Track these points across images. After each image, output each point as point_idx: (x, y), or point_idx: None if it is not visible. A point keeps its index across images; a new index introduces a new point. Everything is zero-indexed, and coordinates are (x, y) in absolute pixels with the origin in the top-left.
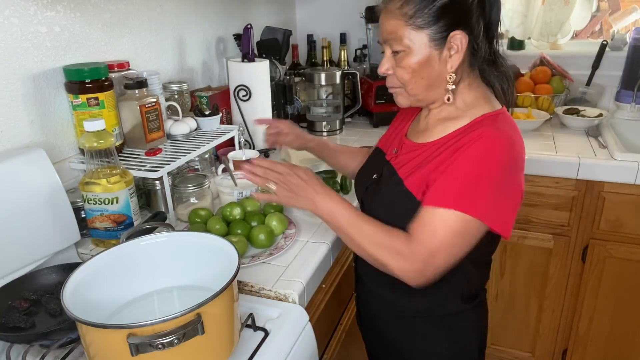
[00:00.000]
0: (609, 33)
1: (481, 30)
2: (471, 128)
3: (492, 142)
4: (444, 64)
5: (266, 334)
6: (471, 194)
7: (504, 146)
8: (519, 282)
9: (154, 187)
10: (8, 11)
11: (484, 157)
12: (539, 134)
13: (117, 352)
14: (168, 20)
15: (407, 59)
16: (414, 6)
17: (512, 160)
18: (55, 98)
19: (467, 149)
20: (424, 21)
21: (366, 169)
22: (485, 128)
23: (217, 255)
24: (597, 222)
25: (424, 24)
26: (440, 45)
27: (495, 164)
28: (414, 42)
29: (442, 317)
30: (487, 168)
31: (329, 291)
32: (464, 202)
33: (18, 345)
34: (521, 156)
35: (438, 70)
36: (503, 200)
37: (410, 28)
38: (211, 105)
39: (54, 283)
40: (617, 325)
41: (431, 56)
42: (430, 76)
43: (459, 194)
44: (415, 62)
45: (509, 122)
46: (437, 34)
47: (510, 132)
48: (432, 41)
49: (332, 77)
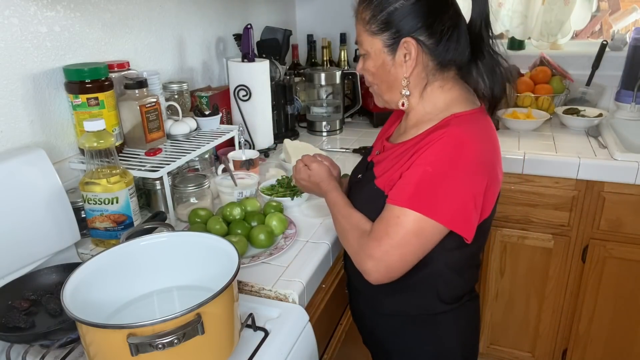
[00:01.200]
0: (609, 33)
1: (449, 32)
2: (437, 128)
3: (452, 143)
4: (401, 68)
5: (266, 334)
6: (427, 193)
7: (464, 147)
8: (519, 282)
9: (154, 187)
10: (8, 11)
11: (442, 156)
12: (539, 134)
13: (117, 352)
14: (168, 20)
15: (368, 62)
16: (369, 12)
17: (474, 162)
18: (55, 98)
19: (427, 148)
20: (377, 27)
21: (356, 169)
22: (449, 128)
23: (217, 255)
24: (597, 222)
25: (377, 30)
26: (393, 51)
27: (454, 164)
28: (371, 47)
29: (425, 317)
30: (445, 168)
31: (329, 291)
32: (417, 201)
33: (18, 345)
34: (485, 158)
35: (395, 75)
36: (463, 202)
37: (367, 34)
38: (211, 105)
39: (54, 283)
40: (617, 325)
41: (385, 61)
42: (389, 80)
43: (414, 193)
44: (373, 66)
45: (479, 124)
46: (390, 39)
47: (475, 134)
48: (386, 47)
49: (332, 77)
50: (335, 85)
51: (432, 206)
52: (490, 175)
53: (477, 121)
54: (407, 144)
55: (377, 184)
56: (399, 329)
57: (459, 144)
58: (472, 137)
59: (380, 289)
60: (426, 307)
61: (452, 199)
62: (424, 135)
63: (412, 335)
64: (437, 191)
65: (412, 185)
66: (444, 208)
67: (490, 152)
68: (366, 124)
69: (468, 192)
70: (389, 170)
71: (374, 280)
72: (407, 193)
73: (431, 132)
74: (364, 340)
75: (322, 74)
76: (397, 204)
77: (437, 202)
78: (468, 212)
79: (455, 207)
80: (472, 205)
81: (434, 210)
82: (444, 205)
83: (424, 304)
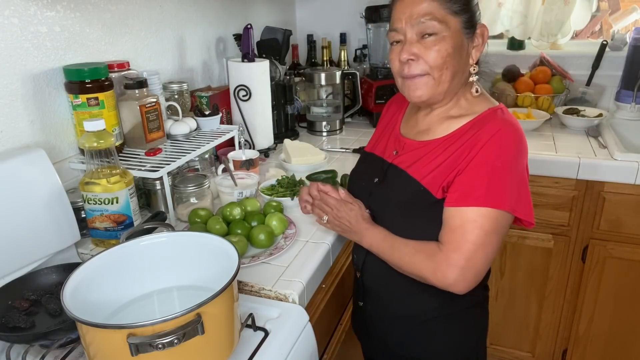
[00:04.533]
0: (609, 33)
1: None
2: (479, 122)
3: (507, 134)
4: (469, 55)
5: (266, 334)
6: (499, 188)
7: (515, 136)
8: (519, 282)
9: (154, 187)
10: (8, 11)
11: (502, 149)
12: (539, 134)
13: (117, 352)
14: (168, 20)
15: (442, 43)
16: None
17: (523, 149)
18: (55, 98)
19: (484, 144)
20: (460, 7)
21: (362, 173)
22: (495, 122)
23: (217, 255)
24: (597, 222)
25: (459, 10)
26: (471, 34)
27: (512, 154)
28: (451, 26)
29: (446, 317)
30: (507, 160)
31: (329, 291)
32: (492, 197)
33: (18, 345)
34: (526, 143)
35: (465, 60)
36: (523, 188)
37: (447, 11)
38: (211, 105)
39: (54, 283)
40: (617, 325)
41: (463, 44)
42: (459, 64)
43: (487, 190)
44: (450, 47)
45: (510, 114)
46: (469, 22)
47: (516, 122)
48: (465, 29)
49: (332, 77)
50: (335, 85)
51: (505, 199)
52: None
53: (510, 113)
54: (447, 140)
55: (425, 185)
56: (430, 331)
57: (514, 135)
58: (518, 127)
59: (402, 290)
60: (444, 307)
61: (518, 188)
62: (466, 130)
63: (443, 334)
64: (507, 183)
65: (484, 184)
66: (513, 198)
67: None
68: (366, 124)
69: (526, 179)
70: (436, 170)
71: (463, 290)
72: (480, 193)
73: (474, 126)
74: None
75: (322, 74)
76: (471, 205)
77: (508, 193)
78: (529, 197)
79: (520, 194)
80: (529, 190)
81: (506, 202)
82: (513, 195)
83: (442, 303)
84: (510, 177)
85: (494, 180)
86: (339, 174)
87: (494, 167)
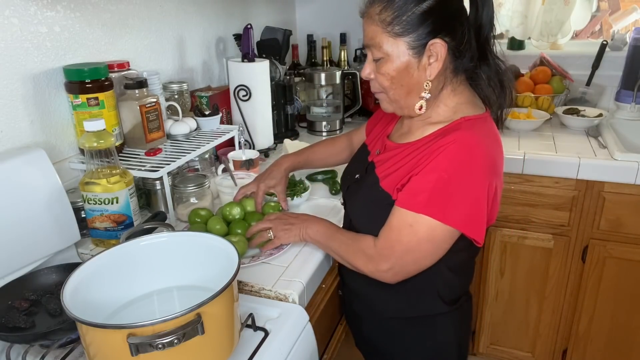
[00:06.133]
0: (609, 33)
1: (466, 35)
2: (448, 131)
3: (466, 147)
4: (424, 72)
5: (266, 334)
6: (442, 199)
7: (477, 151)
8: (519, 282)
9: (154, 187)
10: (8, 11)
11: (456, 161)
12: (539, 134)
13: (117, 352)
14: (168, 20)
15: (386, 66)
16: (392, 13)
17: (485, 165)
18: (55, 98)
19: (441, 152)
20: (402, 29)
21: (351, 168)
22: (460, 132)
23: (217, 255)
24: (597, 222)
25: (401, 32)
26: (419, 53)
27: (464, 170)
28: (393, 49)
29: (421, 318)
30: (456, 174)
31: (329, 291)
32: (432, 207)
33: (18, 345)
34: (495, 161)
35: (417, 78)
36: (475, 206)
37: (388, 35)
38: (211, 105)
39: (54, 283)
40: (617, 325)
41: (410, 64)
42: (410, 83)
43: (429, 199)
44: (393, 70)
45: (486, 128)
46: (416, 41)
47: (485, 137)
48: (411, 49)
49: (332, 77)
50: (335, 85)
51: (446, 212)
52: (499, 179)
53: (485, 125)
54: (415, 144)
55: (383, 186)
56: (397, 331)
57: (472, 148)
58: (484, 141)
59: (381, 291)
60: (426, 308)
61: (466, 204)
62: (433, 137)
63: (411, 337)
64: (452, 196)
65: (427, 191)
66: (458, 213)
67: (499, 155)
68: None
69: (480, 196)
70: (396, 172)
71: (390, 281)
72: (421, 199)
73: (442, 134)
74: (357, 342)
75: (322, 74)
76: (411, 210)
77: (452, 207)
78: (480, 216)
79: (469, 211)
80: (483, 209)
81: (448, 216)
82: (458, 210)
83: (424, 305)
84: (458, 192)
85: (437, 191)
86: (338, 174)
87: (439, 178)
